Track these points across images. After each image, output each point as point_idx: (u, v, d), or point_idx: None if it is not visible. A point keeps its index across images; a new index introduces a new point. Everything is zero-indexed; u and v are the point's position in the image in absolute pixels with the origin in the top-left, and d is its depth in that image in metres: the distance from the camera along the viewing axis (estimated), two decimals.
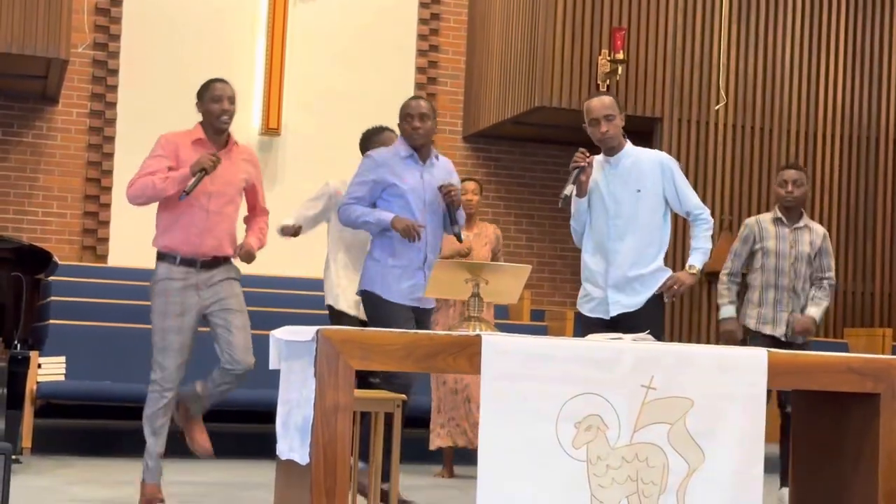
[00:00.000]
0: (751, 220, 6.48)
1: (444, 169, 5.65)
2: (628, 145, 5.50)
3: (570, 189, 5.24)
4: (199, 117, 5.40)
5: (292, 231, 6.08)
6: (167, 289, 5.24)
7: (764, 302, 6.29)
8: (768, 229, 6.34)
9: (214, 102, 5.31)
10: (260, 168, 5.60)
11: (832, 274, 6.40)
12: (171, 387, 5.20)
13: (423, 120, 5.49)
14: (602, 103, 5.45)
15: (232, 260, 5.40)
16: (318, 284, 9.54)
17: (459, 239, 5.54)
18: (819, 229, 6.44)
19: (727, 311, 6.36)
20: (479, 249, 6.97)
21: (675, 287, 5.35)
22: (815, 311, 6.26)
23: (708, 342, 9.62)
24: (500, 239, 7.23)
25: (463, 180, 7.03)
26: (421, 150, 5.54)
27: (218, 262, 5.31)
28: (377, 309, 5.45)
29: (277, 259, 8.97)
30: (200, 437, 5.41)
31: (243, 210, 5.51)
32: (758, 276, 6.32)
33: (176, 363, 5.20)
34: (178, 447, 6.78)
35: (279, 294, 9.05)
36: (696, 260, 5.41)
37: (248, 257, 5.34)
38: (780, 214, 6.37)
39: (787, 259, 6.28)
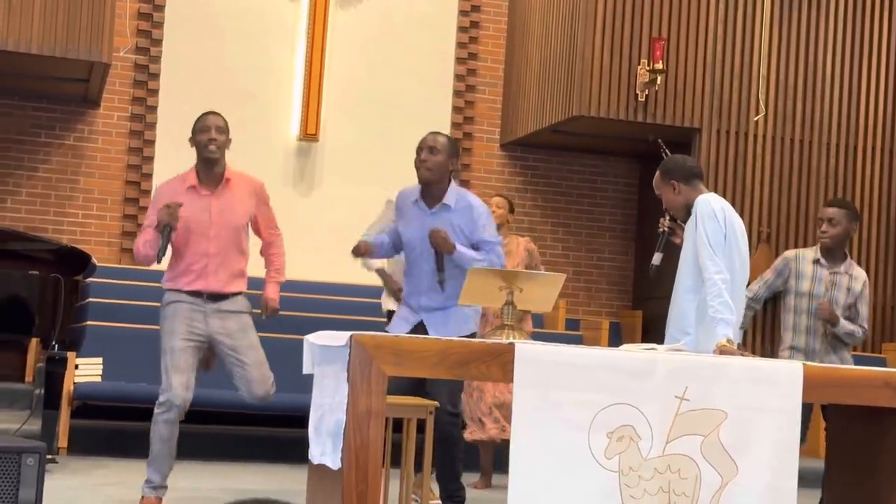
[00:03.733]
0: (790, 255, 6.20)
1: (462, 215, 5.28)
2: None
3: (658, 258, 5.00)
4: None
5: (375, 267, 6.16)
6: (176, 311, 5.28)
7: (795, 346, 6.13)
8: (805, 270, 6.11)
9: (202, 133, 5.30)
10: (263, 192, 5.48)
11: (866, 325, 6.15)
12: (178, 405, 5.20)
13: (432, 153, 5.21)
14: None
15: (241, 295, 5.39)
16: (351, 289, 9.60)
17: (442, 288, 5.25)
18: (860, 275, 6.13)
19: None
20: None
21: None
22: (844, 323, 6.07)
23: None
24: (535, 252, 7.11)
25: (493, 195, 7.06)
26: (431, 189, 5.27)
27: (225, 295, 5.34)
28: None
29: (311, 264, 9.02)
30: None
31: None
32: (790, 317, 6.13)
33: (184, 382, 5.20)
34: (206, 450, 6.83)
35: (313, 299, 9.07)
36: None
37: (274, 314, 5.40)
38: (819, 255, 6.11)
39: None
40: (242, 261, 5.39)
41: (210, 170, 5.31)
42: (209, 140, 5.27)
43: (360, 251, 5.40)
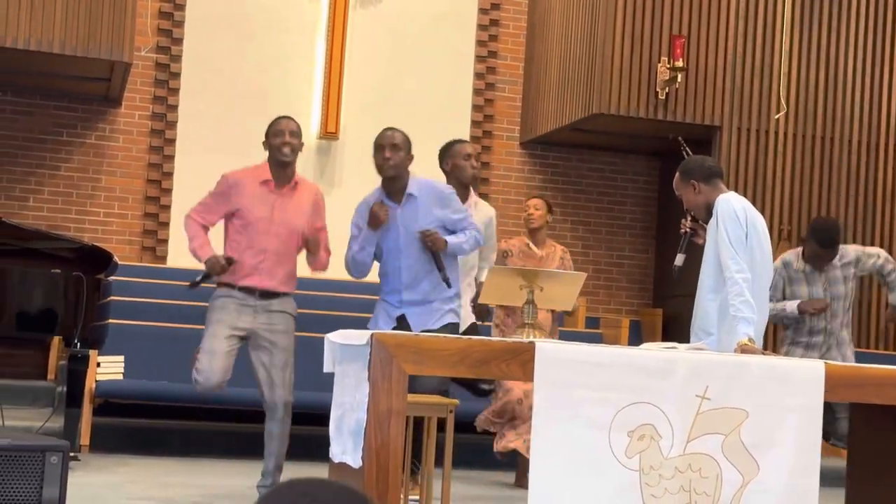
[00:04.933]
0: (776, 264, 6.21)
1: (427, 202, 5.48)
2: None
3: (680, 259, 5.04)
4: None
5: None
6: (225, 305, 5.42)
7: (797, 345, 6.20)
8: (797, 276, 6.21)
9: (276, 137, 5.46)
10: (324, 208, 5.65)
11: (891, 265, 6.29)
12: (209, 387, 5.33)
13: (394, 150, 5.40)
14: None
15: (291, 295, 5.53)
16: (373, 288, 9.58)
17: (448, 285, 5.44)
18: (850, 253, 6.31)
19: (791, 302, 6.20)
20: None
21: None
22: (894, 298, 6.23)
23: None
24: (567, 259, 7.15)
25: (531, 197, 7.08)
26: (394, 185, 5.45)
27: (276, 294, 5.46)
28: None
29: (332, 262, 9.01)
30: None
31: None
32: (791, 323, 6.23)
33: (220, 366, 5.30)
34: (227, 448, 6.85)
35: (334, 297, 9.09)
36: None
37: (315, 244, 5.43)
38: (807, 261, 6.23)
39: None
40: (294, 264, 5.55)
41: (283, 171, 5.47)
42: (283, 143, 5.42)
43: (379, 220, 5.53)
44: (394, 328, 5.43)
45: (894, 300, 6.47)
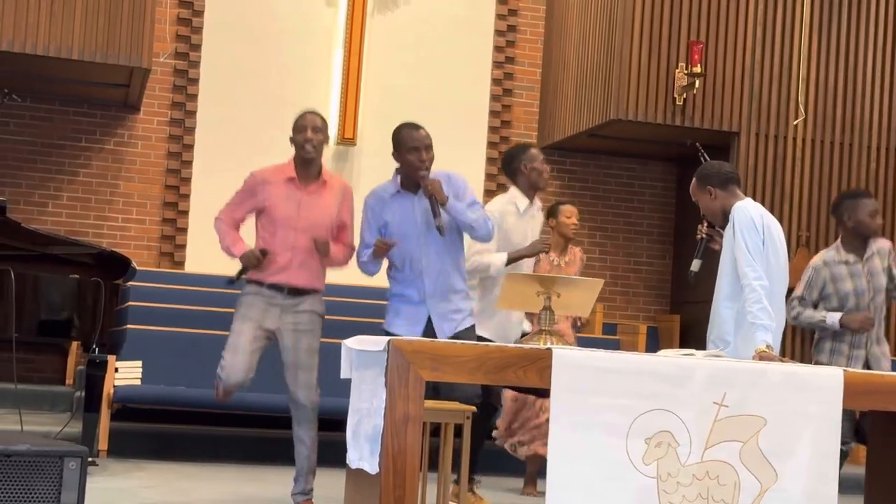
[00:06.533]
0: (817, 263, 6.19)
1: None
2: None
3: (697, 264, 5.04)
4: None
5: None
6: (252, 302, 5.41)
7: (840, 339, 6.12)
8: (840, 271, 6.14)
9: (299, 133, 5.42)
10: (352, 204, 5.60)
11: None
12: (232, 384, 5.31)
13: (429, 151, 5.35)
14: None
15: (320, 293, 5.51)
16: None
17: (441, 233, 5.29)
18: (884, 247, 6.19)
19: (834, 315, 6.14)
20: None
21: None
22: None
23: None
24: (584, 261, 7.16)
25: (565, 202, 7.09)
26: (412, 180, 5.36)
27: (306, 292, 5.44)
28: None
29: (349, 268, 9.02)
30: None
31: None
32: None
33: (243, 364, 5.29)
34: (243, 453, 6.86)
35: (351, 303, 9.09)
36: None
37: (323, 246, 5.38)
38: (847, 249, 6.14)
39: (867, 296, 6.10)
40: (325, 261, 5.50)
41: (307, 168, 5.43)
42: (305, 140, 5.39)
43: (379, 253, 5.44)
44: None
45: None
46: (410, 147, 5.31)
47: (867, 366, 6.14)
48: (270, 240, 5.40)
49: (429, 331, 5.35)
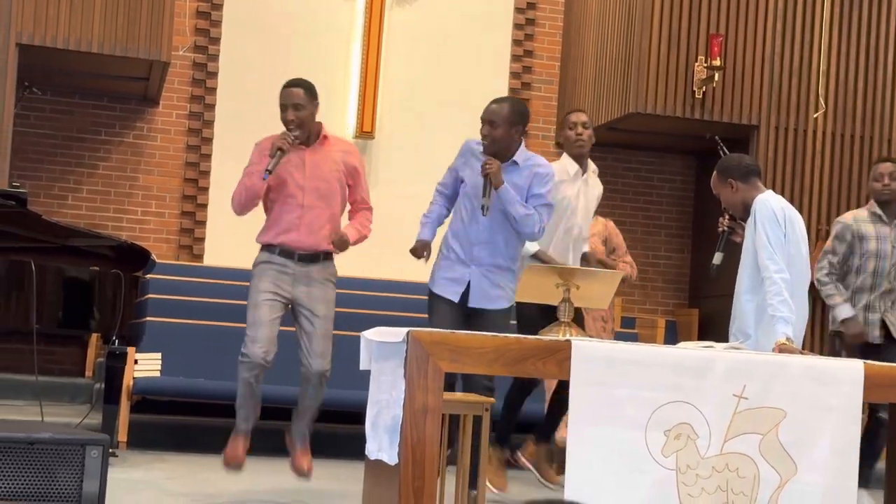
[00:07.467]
0: (847, 219, 6.27)
1: (523, 174, 5.57)
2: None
3: (718, 257, 5.03)
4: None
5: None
6: (264, 271, 5.43)
7: (855, 304, 6.15)
8: (867, 229, 6.16)
9: (282, 112, 5.51)
10: (360, 160, 5.64)
11: None
12: (258, 362, 5.33)
13: (492, 126, 5.54)
14: None
15: (332, 258, 5.53)
16: (409, 287, 9.61)
17: (484, 212, 5.37)
18: None
19: (845, 310, 6.14)
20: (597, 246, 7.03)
21: None
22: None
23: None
24: (610, 228, 7.21)
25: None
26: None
27: (317, 257, 5.46)
28: (428, 303, 5.60)
29: (368, 261, 9.04)
30: (298, 462, 5.66)
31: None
32: (851, 279, 6.16)
33: (265, 335, 5.31)
34: (262, 446, 6.86)
35: (371, 296, 9.11)
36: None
37: (341, 244, 5.44)
38: (878, 210, 6.19)
39: (889, 259, 6.12)
40: (336, 219, 5.53)
41: (301, 136, 5.47)
42: (287, 121, 5.46)
43: (419, 253, 5.53)
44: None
45: None
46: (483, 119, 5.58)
47: (885, 329, 6.15)
48: (279, 199, 5.43)
49: (465, 297, 5.48)
